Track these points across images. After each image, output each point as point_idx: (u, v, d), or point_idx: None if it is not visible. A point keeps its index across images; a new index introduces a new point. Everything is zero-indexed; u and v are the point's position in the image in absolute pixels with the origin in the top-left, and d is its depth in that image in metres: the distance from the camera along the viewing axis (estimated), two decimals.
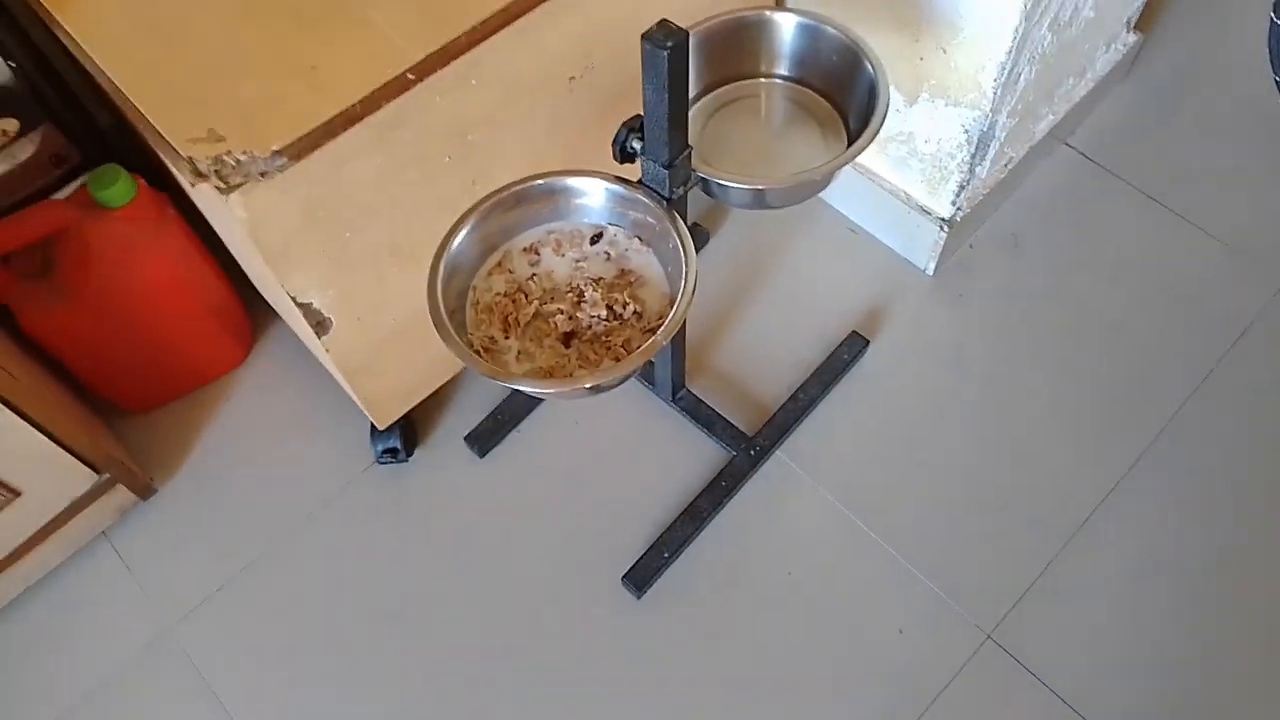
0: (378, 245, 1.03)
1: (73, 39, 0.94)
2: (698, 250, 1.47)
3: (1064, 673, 1.16)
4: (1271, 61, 1.46)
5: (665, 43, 0.79)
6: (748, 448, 1.30)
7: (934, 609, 1.21)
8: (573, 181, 0.95)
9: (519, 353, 0.93)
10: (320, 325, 1.03)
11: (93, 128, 1.25)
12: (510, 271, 0.96)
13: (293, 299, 0.98)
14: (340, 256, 1.00)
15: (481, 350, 0.92)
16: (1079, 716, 1.13)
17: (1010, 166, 1.39)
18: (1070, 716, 1.14)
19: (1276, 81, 1.48)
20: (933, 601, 1.21)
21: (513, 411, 1.34)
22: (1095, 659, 1.17)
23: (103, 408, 1.33)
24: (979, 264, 1.45)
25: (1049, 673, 1.16)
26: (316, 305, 1.01)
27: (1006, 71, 1.13)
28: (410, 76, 0.90)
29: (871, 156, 1.38)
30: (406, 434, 1.30)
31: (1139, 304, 1.40)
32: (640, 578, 1.23)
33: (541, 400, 1.35)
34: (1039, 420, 1.33)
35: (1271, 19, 1.41)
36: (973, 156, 1.25)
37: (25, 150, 1.20)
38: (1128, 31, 1.51)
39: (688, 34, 0.80)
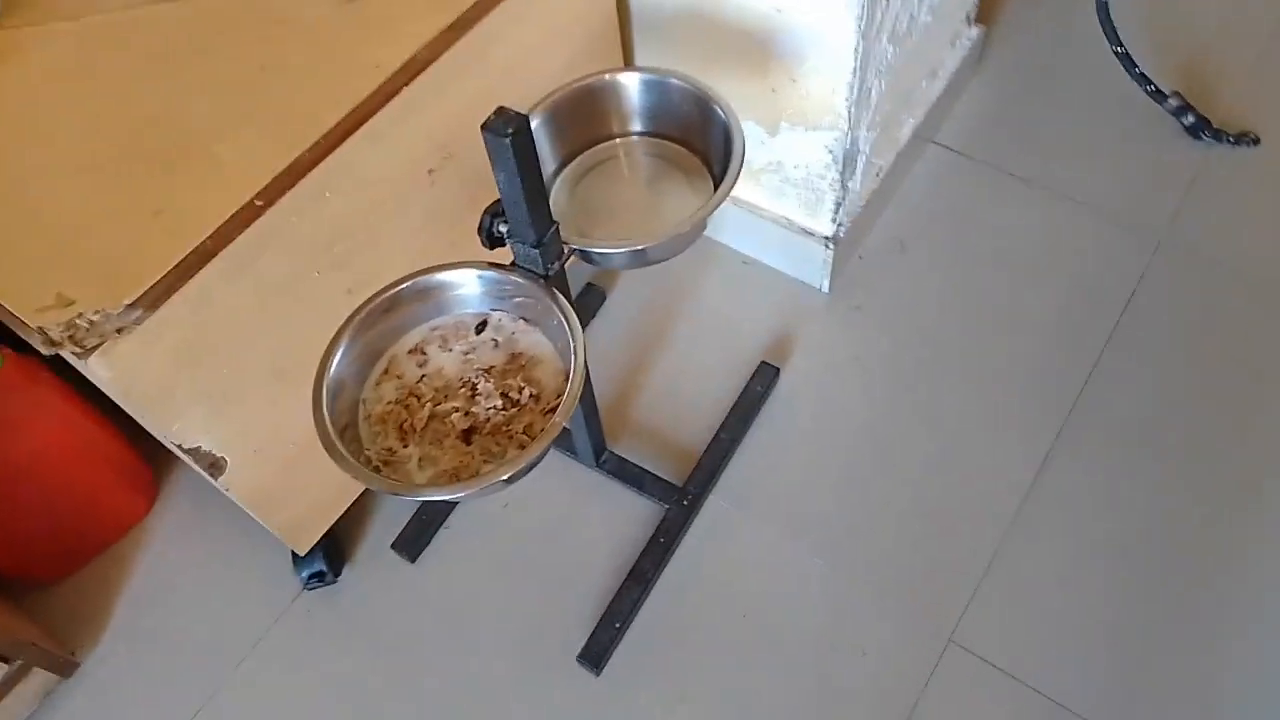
0: (261, 373, 1.00)
1: None
2: (595, 310, 1.47)
3: (1029, 661, 1.16)
4: (1106, 35, 1.52)
5: (506, 130, 0.78)
6: (680, 498, 1.28)
7: (891, 623, 1.20)
8: (445, 276, 0.94)
9: (420, 459, 0.90)
10: (214, 466, 0.99)
11: None
12: (399, 376, 0.94)
13: (178, 446, 0.95)
14: (222, 393, 0.96)
15: (381, 465, 0.90)
16: (1052, 702, 1.14)
17: (882, 176, 1.42)
18: (1044, 703, 1.14)
19: (1115, 52, 1.54)
20: (888, 615, 1.21)
21: (437, 509, 1.31)
22: (1056, 642, 1.17)
23: (7, 587, 1.26)
24: (871, 274, 1.46)
25: (1015, 665, 1.16)
26: (206, 447, 0.97)
27: (856, 90, 1.15)
28: (258, 203, 0.88)
29: (749, 189, 1.40)
30: (331, 554, 1.26)
31: (1029, 285, 1.44)
32: (595, 654, 1.20)
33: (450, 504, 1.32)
34: (955, 416, 1.34)
35: None
36: (842, 174, 1.27)
37: None
38: (970, 25, 1.55)
39: (527, 117, 0.79)
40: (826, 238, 1.37)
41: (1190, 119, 1.52)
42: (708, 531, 1.28)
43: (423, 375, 0.94)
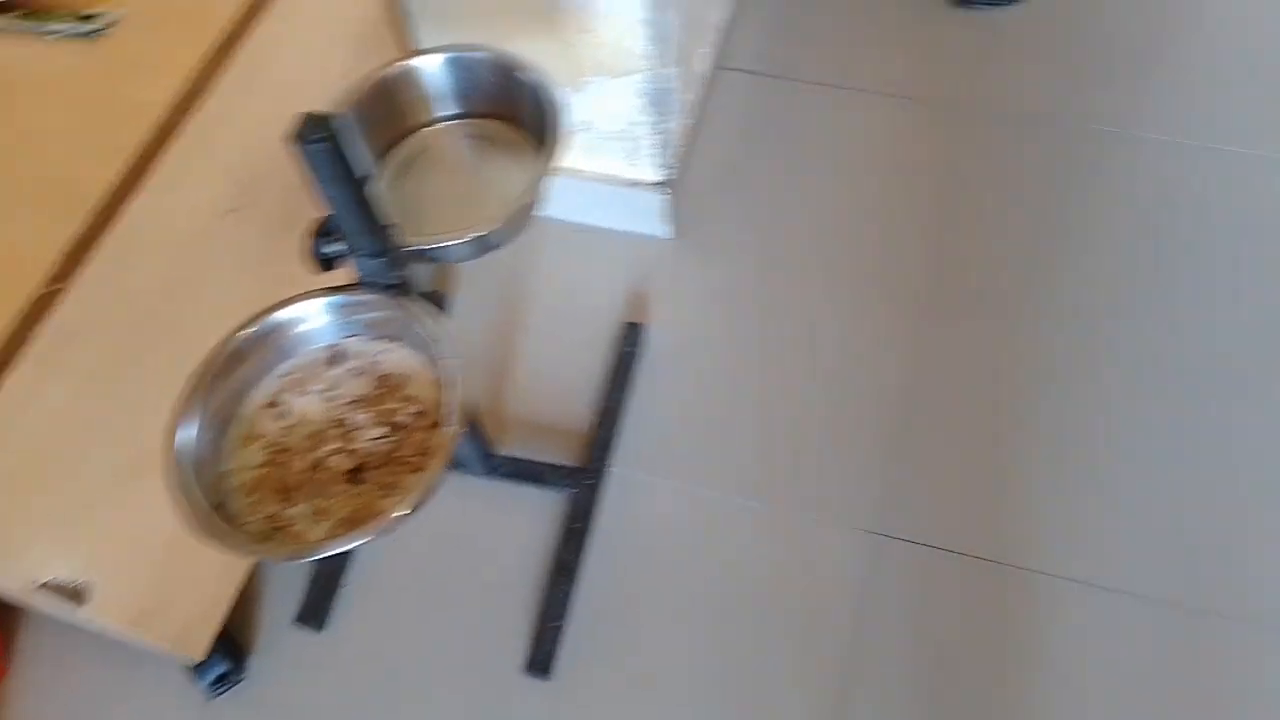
0: (106, 476, 0.88)
1: None
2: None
3: (954, 530, 1.19)
4: None
5: (319, 135, 0.71)
6: (582, 479, 1.24)
7: (816, 533, 1.21)
8: (284, 314, 0.85)
9: (313, 514, 0.82)
10: (77, 595, 0.87)
11: None
12: (261, 437, 0.85)
13: (33, 585, 0.82)
14: (69, 510, 0.85)
15: (270, 533, 0.81)
16: (988, 561, 1.17)
17: (693, 111, 1.40)
18: (980, 565, 1.17)
19: None
20: (812, 527, 1.21)
21: (331, 567, 1.21)
22: (972, 504, 1.21)
23: None
24: (706, 209, 1.45)
25: (942, 537, 1.19)
26: (62, 578, 0.85)
27: (654, 27, 1.12)
28: (54, 288, 0.77)
29: (565, 155, 1.35)
30: (231, 650, 1.14)
31: (856, 180, 1.46)
32: (541, 660, 1.14)
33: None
34: (823, 320, 1.35)
35: None
36: (658, 117, 1.24)
37: None
38: None
39: (337, 116, 0.72)
40: (656, 184, 1.34)
41: None
42: (620, 503, 1.25)
43: (286, 427, 0.85)
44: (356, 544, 0.77)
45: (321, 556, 0.78)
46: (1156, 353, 1.29)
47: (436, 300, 1.38)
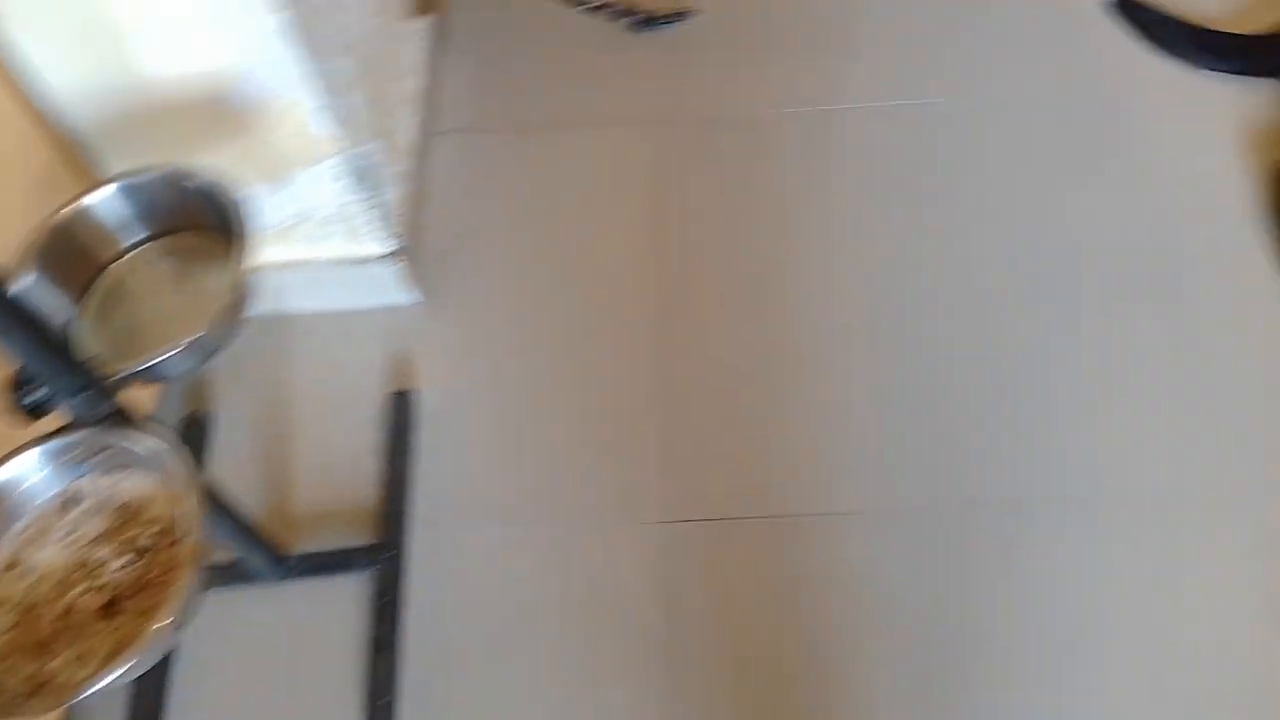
0: None
1: None
2: (207, 438, 1.38)
3: (731, 499, 1.29)
4: None
5: None
6: (382, 554, 1.26)
7: (613, 539, 1.27)
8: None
9: (78, 658, 0.82)
10: None
11: None
12: (6, 600, 0.84)
13: None
14: None
15: (36, 690, 0.80)
16: (765, 518, 1.27)
17: (409, 179, 1.45)
18: (760, 523, 1.27)
19: None
20: (608, 535, 1.27)
21: (145, 708, 1.18)
22: (742, 472, 1.31)
23: None
24: (449, 267, 1.50)
25: (721, 508, 1.28)
26: None
27: (333, 111, 1.17)
28: None
29: (291, 248, 1.36)
30: None
31: (589, 209, 1.55)
32: None
33: (165, 681, 1.20)
34: (579, 344, 1.42)
35: None
36: (369, 193, 1.29)
37: None
38: (416, 19, 1.62)
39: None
40: (388, 255, 1.38)
41: (629, 19, 1.70)
42: (428, 566, 1.27)
43: (31, 584, 0.84)
44: (122, 672, 0.77)
45: (96, 690, 0.77)
46: (877, 299, 1.43)
47: (198, 421, 1.39)
